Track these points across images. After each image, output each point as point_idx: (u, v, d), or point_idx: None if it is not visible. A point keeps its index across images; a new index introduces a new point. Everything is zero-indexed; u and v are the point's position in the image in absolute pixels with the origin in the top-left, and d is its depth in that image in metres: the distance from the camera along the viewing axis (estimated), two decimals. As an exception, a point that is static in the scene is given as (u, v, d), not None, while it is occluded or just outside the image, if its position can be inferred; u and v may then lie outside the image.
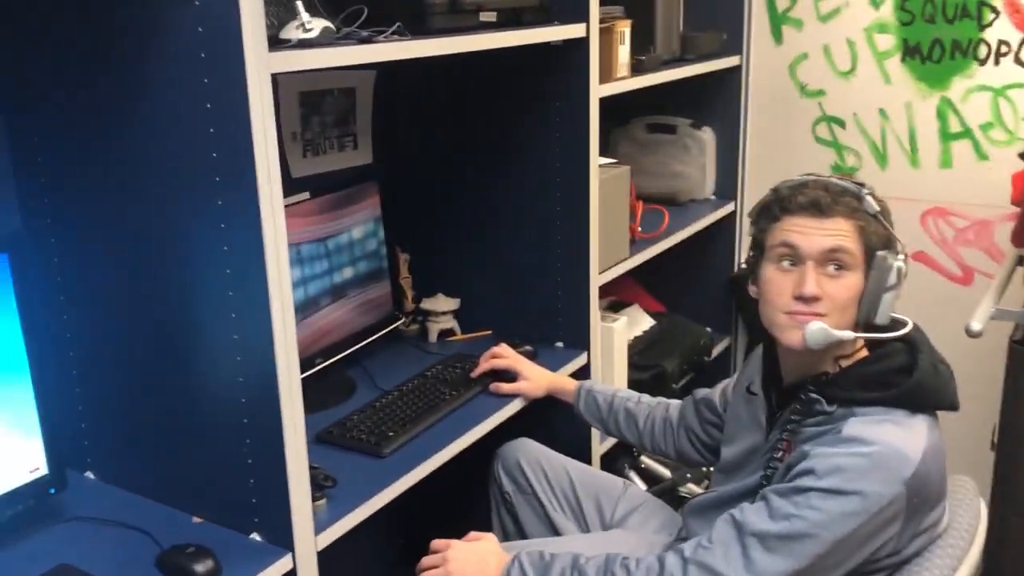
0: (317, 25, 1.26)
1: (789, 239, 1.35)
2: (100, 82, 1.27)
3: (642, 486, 2.53)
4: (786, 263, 1.36)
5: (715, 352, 2.72)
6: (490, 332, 2.15)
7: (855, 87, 2.58)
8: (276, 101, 1.83)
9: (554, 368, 1.95)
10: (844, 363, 1.36)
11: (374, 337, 1.97)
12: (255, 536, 1.35)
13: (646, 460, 2.59)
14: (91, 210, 1.36)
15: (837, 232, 1.33)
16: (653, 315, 2.58)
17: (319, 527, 1.37)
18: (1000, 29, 2.34)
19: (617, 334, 2.19)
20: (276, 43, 1.25)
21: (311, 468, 1.41)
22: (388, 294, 2.03)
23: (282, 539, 1.32)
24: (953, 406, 1.34)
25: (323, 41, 1.26)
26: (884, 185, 2.59)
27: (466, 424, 1.70)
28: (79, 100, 1.30)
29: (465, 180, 2.08)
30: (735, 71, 2.66)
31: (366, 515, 1.44)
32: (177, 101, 1.20)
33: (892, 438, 1.24)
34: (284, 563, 1.31)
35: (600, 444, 2.14)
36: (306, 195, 1.76)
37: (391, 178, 2.15)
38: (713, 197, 2.77)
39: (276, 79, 1.85)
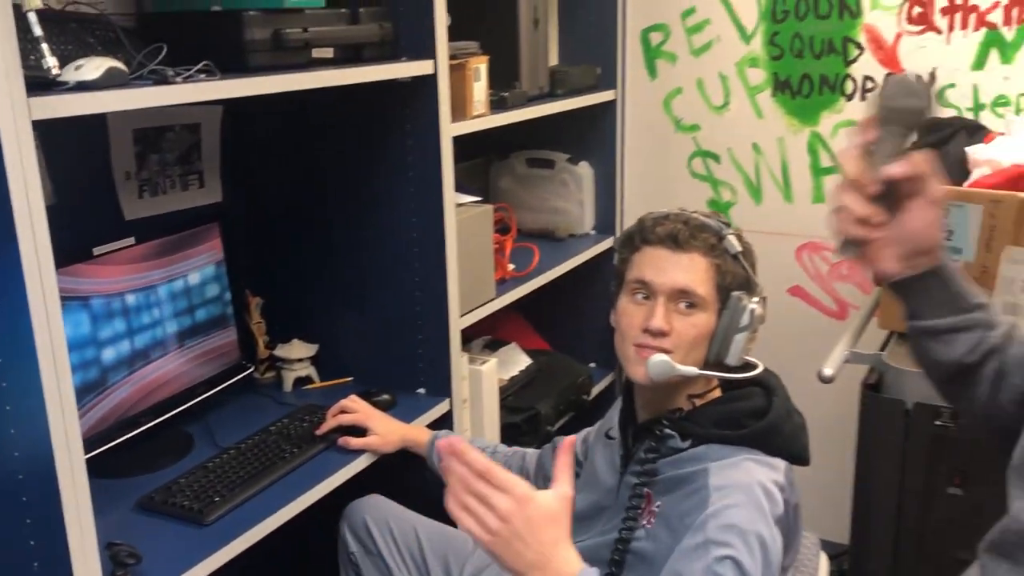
0: (100, 65, 1.16)
1: (643, 275, 1.34)
2: None
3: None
4: (640, 296, 1.35)
5: (597, 391, 2.66)
6: (351, 379, 2.05)
7: (729, 121, 2.57)
8: (106, 139, 1.77)
9: (415, 417, 1.87)
10: (698, 402, 1.34)
11: (216, 390, 1.85)
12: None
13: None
14: None
15: (691, 269, 1.32)
16: (531, 354, 2.51)
17: (120, 611, 1.25)
18: (865, 65, 2.35)
19: (486, 377, 2.11)
20: (54, 85, 1.14)
21: (112, 545, 1.30)
22: (234, 342, 1.91)
23: (70, 629, 1.20)
24: (803, 459, 1.31)
25: (103, 84, 1.16)
26: (759, 220, 2.61)
27: (304, 485, 1.59)
28: None
29: (323, 220, 1.99)
30: (610, 106, 2.63)
31: (176, 596, 1.33)
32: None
33: (755, 473, 1.22)
34: (73, 654, 1.18)
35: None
36: (131, 240, 1.64)
37: (244, 218, 2.04)
38: (592, 232, 2.72)
39: (106, 116, 1.78)
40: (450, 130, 1.83)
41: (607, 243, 2.68)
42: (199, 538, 1.43)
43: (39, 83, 1.11)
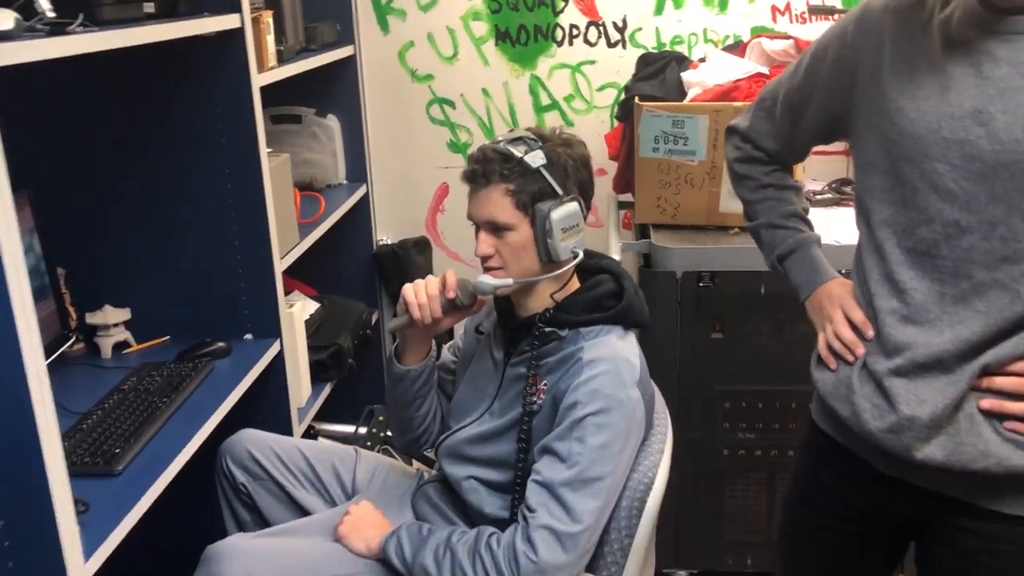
0: (7, 16, 1.16)
1: (469, 212, 1.57)
2: None
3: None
4: (476, 229, 1.57)
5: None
6: (168, 338, 2.07)
7: (459, 70, 2.87)
8: None
9: (252, 361, 1.95)
10: (559, 296, 1.57)
11: (49, 360, 1.79)
12: (12, 582, 1.22)
13: (325, 426, 2.66)
14: None
15: (489, 202, 1.52)
16: (314, 298, 2.64)
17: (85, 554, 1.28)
18: (570, 15, 2.78)
19: (297, 319, 2.24)
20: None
21: (59, 496, 1.30)
22: (54, 313, 1.86)
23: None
24: (648, 325, 1.61)
25: (17, 34, 1.17)
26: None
27: (195, 422, 1.66)
28: None
29: (126, 182, 1.97)
30: (351, 60, 2.81)
31: (125, 532, 1.37)
32: None
33: (618, 350, 1.50)
34: (59, 601, 1.20)
35: (300, 425, 2.18)
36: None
37: (40, 188, 1.95)
38: (345, 181, 2.90)
39: None
40: (258, 81, 1.93)
41: (361, 190, 2.87)
42: (118, 486, 1.46)
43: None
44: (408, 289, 1.63)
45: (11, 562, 1.21)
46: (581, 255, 1.55)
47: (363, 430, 2.61)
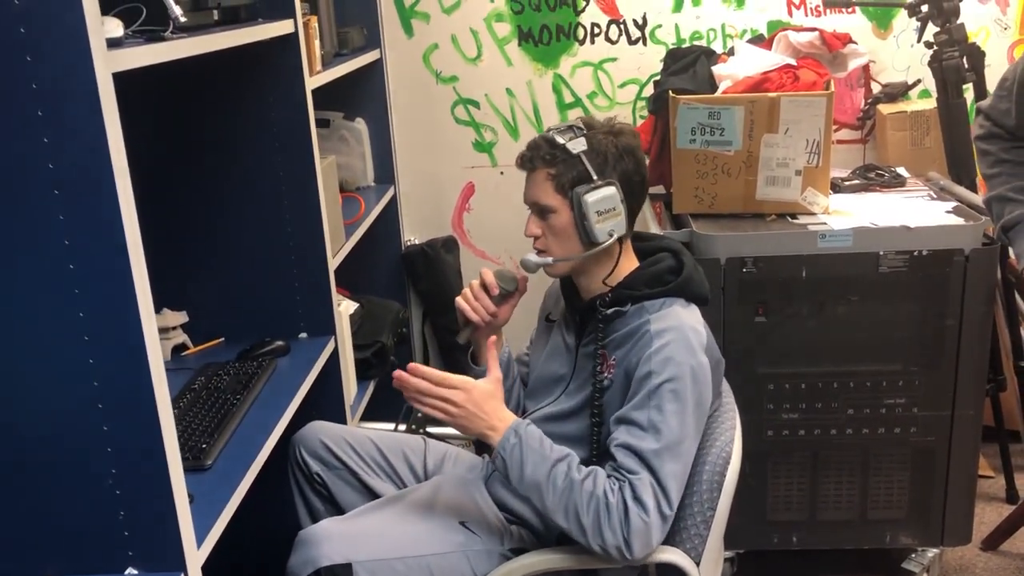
0: (117, 25, 1.21)
1: (524, 196, 1.65)
2: None
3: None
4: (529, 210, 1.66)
5: (404, 323, 2.91)
6: (222, 340, 2.11)
7: (483, 71, 2.93)
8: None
9: (312, 359, 2.00)
10: (611, 280, 1.64)
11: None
12: (131, 571, 1.25)
13: (367, 424, 2.70)
14: None
15: (535, 185, 1.63)
16: (351, 298, 2.69)
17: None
18: (592, 14, 2.85)
19: (345, 317, 2.28)
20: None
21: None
22: (121, 316, 1.89)
23: (169, 563, 1.25)
24: (708, 298, 1.68)
25: (125, 41, 1.21)
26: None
27: (271, 416, 1.70)
28: None
29: (181, 186, 2.01)
30: (377, 64, 2.86)
31: (227, 520, 1.41)
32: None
33: (684, 318, 1.57)
34: (180, 585, 1.25)
35: (353, 420, 2.23)
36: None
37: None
38: (374, 184, 2.94)
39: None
40: (310, 83, 1.98)
41: (390, 192, 2.92)
42: (211, 479, 1.50)
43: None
44: (459, 300, 1.74)
45: (130, 551, 1.25)
46: (616, 236, 1.60)
47: (403, 427, 2.65)
